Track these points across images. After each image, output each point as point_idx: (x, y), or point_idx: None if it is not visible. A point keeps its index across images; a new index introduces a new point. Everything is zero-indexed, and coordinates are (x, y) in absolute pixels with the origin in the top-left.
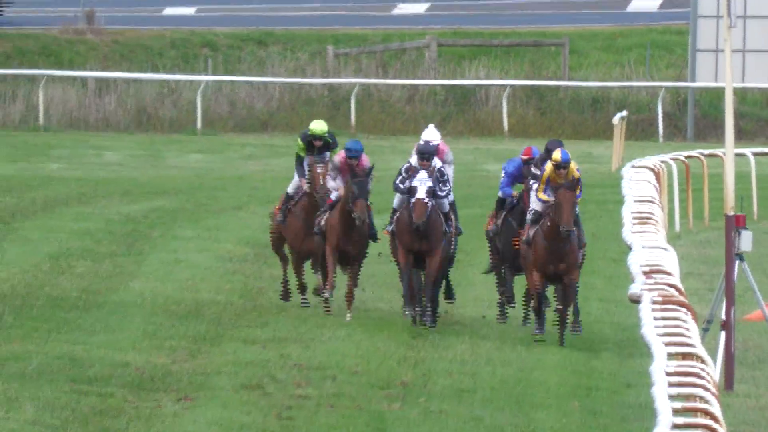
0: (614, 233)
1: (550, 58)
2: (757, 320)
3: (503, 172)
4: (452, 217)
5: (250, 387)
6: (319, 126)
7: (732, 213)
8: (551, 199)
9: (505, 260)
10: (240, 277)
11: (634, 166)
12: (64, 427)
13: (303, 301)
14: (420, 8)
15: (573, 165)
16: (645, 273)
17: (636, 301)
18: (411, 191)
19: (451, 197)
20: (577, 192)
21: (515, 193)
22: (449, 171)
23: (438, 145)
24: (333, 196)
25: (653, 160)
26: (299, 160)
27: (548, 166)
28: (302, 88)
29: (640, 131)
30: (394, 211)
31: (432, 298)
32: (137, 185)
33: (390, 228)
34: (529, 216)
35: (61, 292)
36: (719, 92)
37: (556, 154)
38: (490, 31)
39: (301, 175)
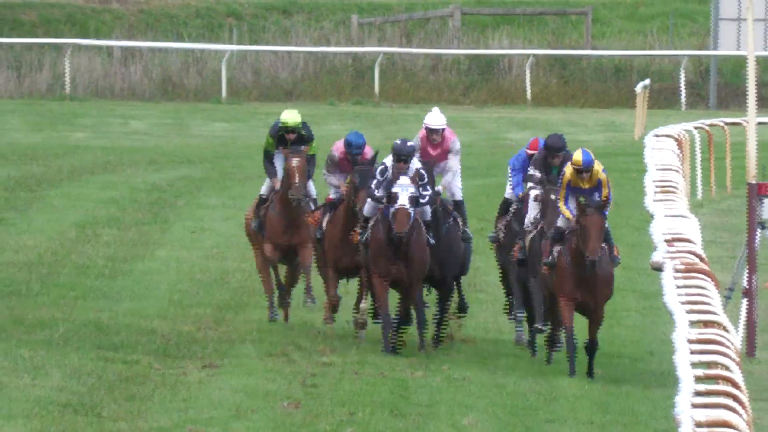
0: (637, 201)
1: (573, 27)
2: None
3: (510, 169)
4: (458, 221)
5: (275, 354)
6: (291, 117)
7: (754, 181)
8: (572, 217)
9: (509, 269)
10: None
11: (656, 135)
12: (90, 394)
13: (271, 314)
14: None
15: (597, 165)
16: (667, 241)
17: (658, 269)
18: (391, 198)
19: (459, 195)
20: (606, 198)
21: (521, 194)
22: (455, 161)
23: (443, 130)
24: (333, 194)
25: (676, 129)
26: (268, 158)
27: (568, 169)
28: (326, 57)
29: (663, 99)
30: (366, 219)
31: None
32: (162, 154)
33: (362, 237)
34: (529, 232)
35: (88, 260)
36: (741, 61)
37: (578, 156)
38: (514, 0)
39: (273, 174)
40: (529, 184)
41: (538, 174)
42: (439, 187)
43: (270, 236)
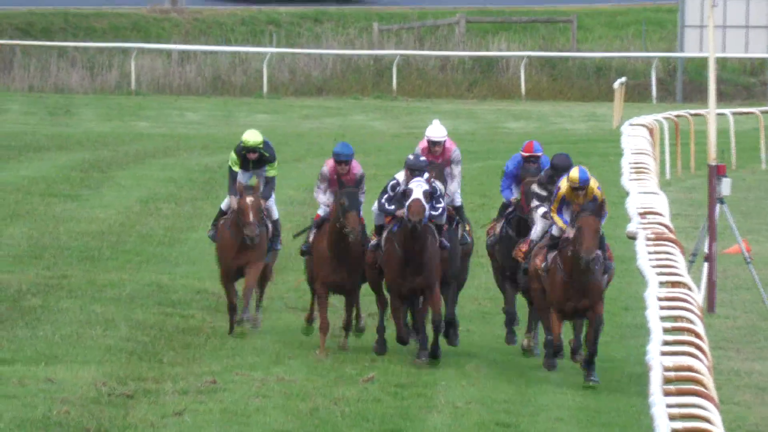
0: (614, 180)
1: (561, 32)
2: (734, 253)
3: (504, 171)
4: (458, 226)
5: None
6: (252, 137)
7: (714, 163)
8: (568, 227)
9: (506, 274)
10: (299, 217)
11: (631, 124)
12: (152, 343)
13: (231, 326)
14: None
15: (593, 183)
16: (640, 214)
17: (632, 237)
18: (406, 194)
19: (458, 201)
20: (603, 213)
21: (513, 199)
22: (457, 170)
23: (444, 142)
24: (321, 211)
25: (648, 119)
26: (232, 175)
27: (564, 184)
28: (351, 59)
29: (637, 94)
30: (378, 231)
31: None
32: (213, 140)
33: (373, 244)
34: (535, 234)
35: (150, 230)
36: (703, 61)
37: (574, 174)
38: (510, 9)
39: (233, 192)
40: (535, 202)
41: (544, 193)
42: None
43: (221, 256)
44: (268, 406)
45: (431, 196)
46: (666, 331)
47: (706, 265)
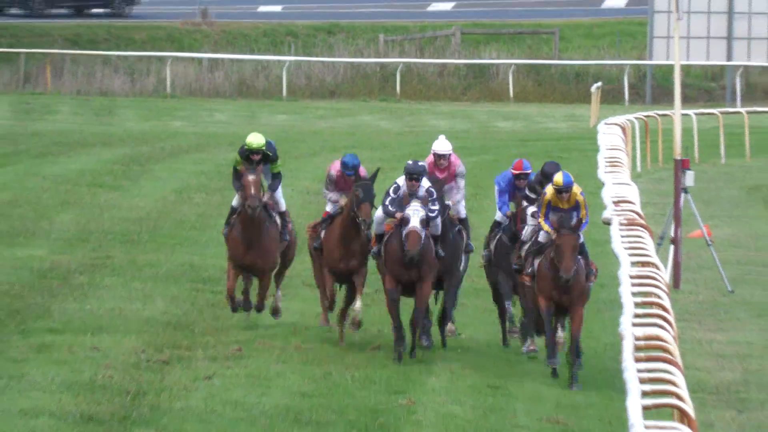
0: (591, 173)
1: (544, 43)
2: (697, 237)
3: (497, 189)
4: (463, 233)
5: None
6: (255, 139)
7: (679, 158)
8: (552, 231)
9: (502, 280)
10: (315, 206)
11: (606, 123)
12: (185, 316)
13: (240, 303)
14: (448, 6)
15: (576, 188)
16: (614, 202)
17: (607, 223)
18: (404, 221)
19: (463, 213)
20: (583, 219)
21: (508, 213)
22: (461, 183)
23: (449, 156)
24: (329, 208)
25: (621, 119)
26: (236, 175)
27: (549, 189)
28: (360, 66)
29: (611, 97)
30: (379, 237)
31: (422, 322)
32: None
33: (374, 251)
34: (526, 242)
35: (183, 217)
36: (670, 68)
37: (558, 178)
38: (500, 22)
39: (239, 189)
40: (525, 203)
41: (534, 195)
42: (448, 202)
43: (232, 255)
44: (287, 371)
45: (427, 220)
46: (637, 305)
47: (672, 247)
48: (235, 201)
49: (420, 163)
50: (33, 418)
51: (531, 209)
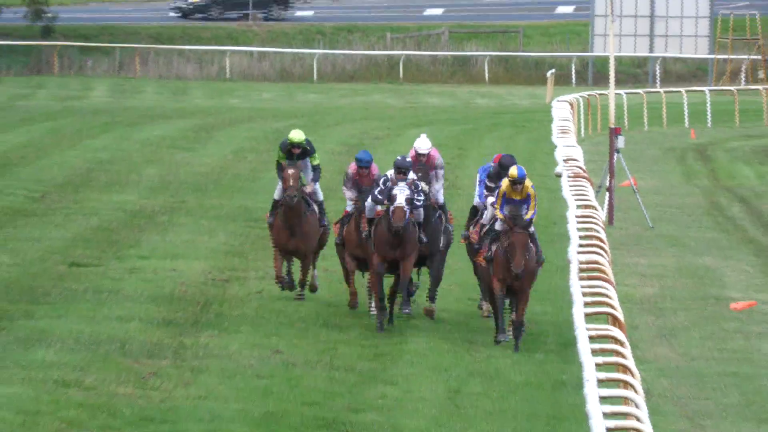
0: (547, 138)
1: (512, 39)
2: (626, 186)
3: (478, 179)
4: (442, 218)
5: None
6: (297, 135)
7: (613, 126)
8: (507, 220)
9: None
10: (338, 164)
11: (558, 100)
12: (241, 246)
13: (288, 282)
14: (439, 11)
15: (528, 182)
16: (564, 160)
17: (559, 175)
18: (391, 199)
19: (442, 199)
20: (531, 212)
21: (486, 201)
22: (440, 173)
23: (430, 152)
24: (348, 207)
25: (569, 97)
26: (279, 167)
27: (504, 182)
28: (372, 57)
29: (562, 81)
30: (370, 220)
31: (405, 289)
32: (280, 112)
33: (365, 234)
34: (485, 225)
35: (239, 171)
36: (606, 58)
37: (513, 171)
38: (479, 24)
39: (281, 178)
40: (486, 192)
41: (493, 185)
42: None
43: (276, 241)
44: (314, 296)
45: (412, 201)
46: (580, 237)
47: (607, 194)
48: (277, 193)
49: (408, 159)
50: (127, 322)
51: (490, 199)
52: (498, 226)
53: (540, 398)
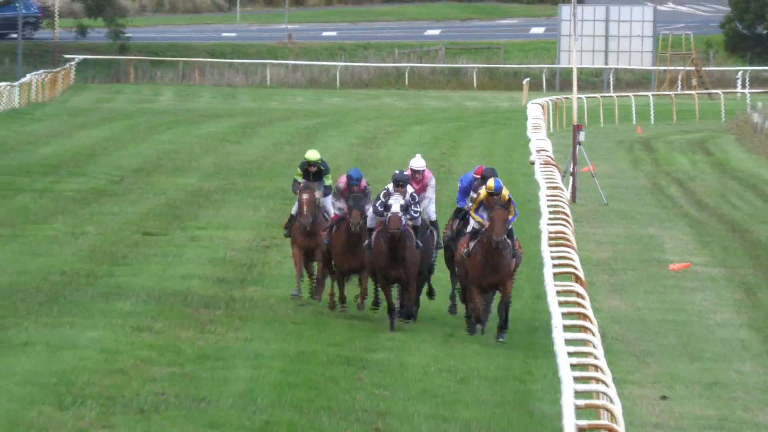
0: (523, 133)
1: (495, 54)
2: (586, 171)
3: (459, 186)
4: (434, 233)
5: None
6: (313, 155)
7: (575, 123)
8: (484, 221)
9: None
10: (355, 154)
11: (532, 103)
12: (279, 219)
13: (298, 287)
14: (437, 32)
15: (504, 192)
16: (537, 150)
17: (532, 163)
18: (387, 207)
19: (434, 216)
20: (511, 215)
21: (465, 207)
22: (431, 192)
23: (424, 170)
24: (338, 211)
25: (540, 100)
26: (296, 184)
27: (482, 191)
28: (383, 68)
29: (535, 87)
30: (370, 230)
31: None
32: (310, 112)
33: (365, 243)
34: (468, 230)
35: (277, 160)
36: (570, 69)
37: (490, 183)
38: (469, 42)
39: (297, 194)
40: (469, 203)
41: (475, 195)
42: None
43: (295, 240)
44: None
45: (407, 208)
46: (549, 212)
47: (571, 178)
48: (294, 209)
49: (405, 173)
50: (188, 280)
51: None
52: (475, 225)
53: (517, 340)
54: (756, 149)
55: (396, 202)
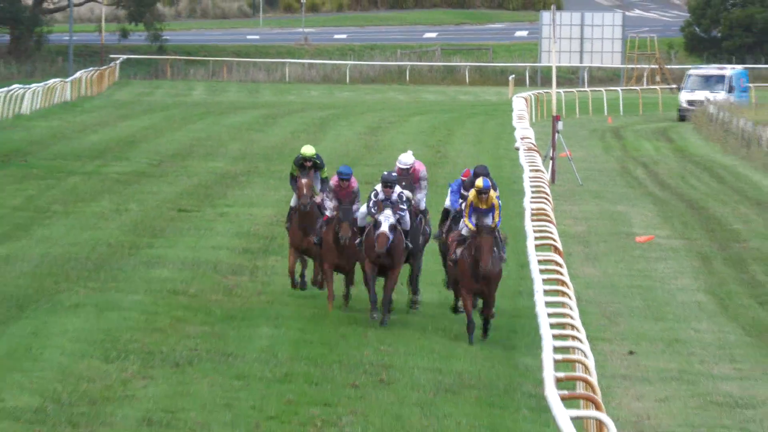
0: (509, 122)
1: (484, 55)
2: (564, 156)
3: (450, 190)
4: (422, 220)
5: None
6: (308, 150)
7: (555, 114)
8: (474, 228)
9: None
10: (364, 141)
11: (517, 96)
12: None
13: (299, 283)
14: (434, 35)
15: (492, 193)
16: (521, 138)
17: (517, 149)
18: (376, 225)
19: (423, 205)
20: (497, 220)
21: (459, 208)
22: (424, 183)
23: (414, 164)
24: (328, 213)
25: (524, 94)
26: (293, 179)
27: (472, 192)
28: (387, 66)
29: (519, 83)
30: (361, 229)
31: (388, 304)
32: (324, 105)
33: (357, 242)
34: (458, 235)
35: (295, 146)
36: (550, 67)
37: (479, 182)
38: (462, 43)
39: (295, 189)
40: (460, 201)
41: (466, 193)
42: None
43: (292, 241)
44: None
45: (395, 227)
46: (532, 192)
47: (551, 162)
48: (293, 201)
49: (393, 174)
50: (217, 250)
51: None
52: (465, 232)
53: (502, 303)
54: (711, 137)
55: (386, 221)
